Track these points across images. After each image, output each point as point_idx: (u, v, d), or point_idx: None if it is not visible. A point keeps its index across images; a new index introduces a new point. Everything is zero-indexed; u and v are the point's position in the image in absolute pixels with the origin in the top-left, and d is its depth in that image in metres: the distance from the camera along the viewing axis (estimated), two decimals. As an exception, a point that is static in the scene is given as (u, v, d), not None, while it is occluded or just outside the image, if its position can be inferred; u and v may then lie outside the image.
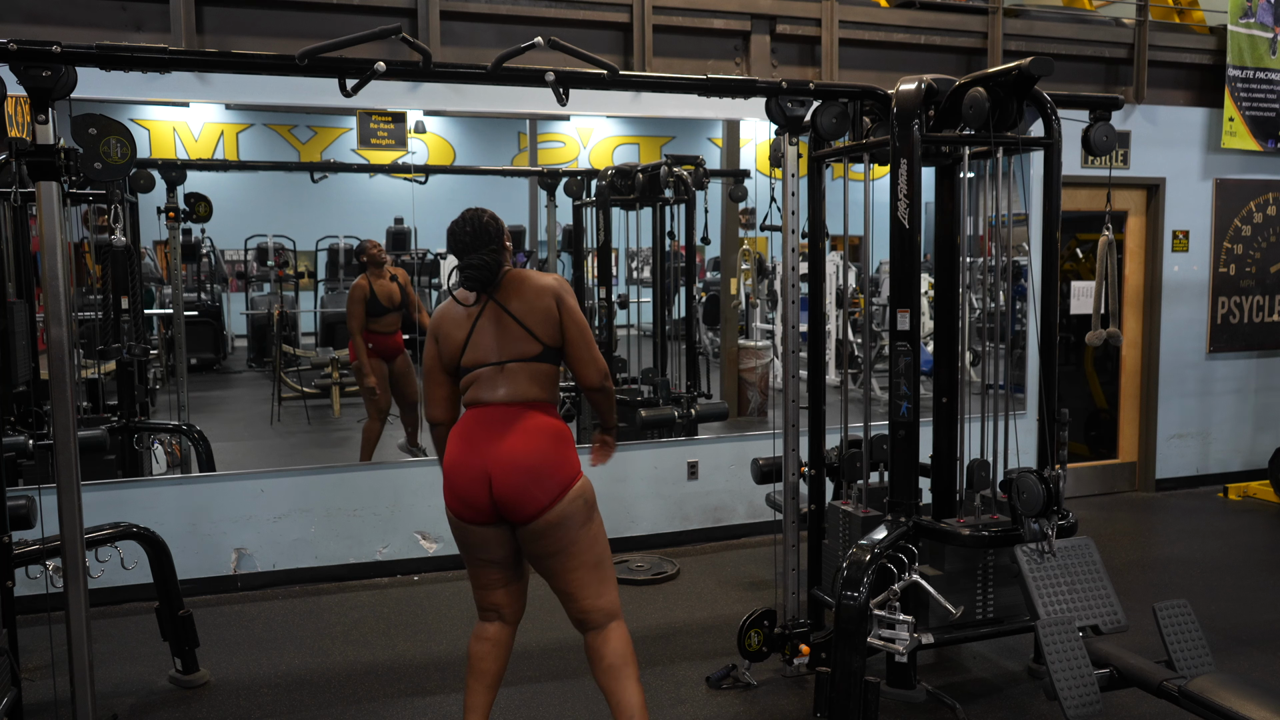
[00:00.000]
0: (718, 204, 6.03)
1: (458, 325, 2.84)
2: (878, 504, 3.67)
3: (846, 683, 2.98)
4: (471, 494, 2.72)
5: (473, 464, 2.71)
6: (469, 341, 2.81)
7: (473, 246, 2.81)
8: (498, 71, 3.11)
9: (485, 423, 2.76)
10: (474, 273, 2.78)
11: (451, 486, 2.75)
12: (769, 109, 3.52)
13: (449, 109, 5.12)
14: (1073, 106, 3.62)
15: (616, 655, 2.82)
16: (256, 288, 6.90)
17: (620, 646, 2.82)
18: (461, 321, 2.84)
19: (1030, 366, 5.68)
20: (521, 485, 2.68)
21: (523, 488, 2.68)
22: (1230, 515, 5.96)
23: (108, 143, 2.88)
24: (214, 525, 4.68)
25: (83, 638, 2.76)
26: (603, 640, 2.83)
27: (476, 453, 2.72)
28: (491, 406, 2.77)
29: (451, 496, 2.76)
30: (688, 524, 5.45)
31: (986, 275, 3.89)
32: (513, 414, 2.76)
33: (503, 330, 2.81)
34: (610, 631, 2.84)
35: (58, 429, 2.70)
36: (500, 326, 2.81)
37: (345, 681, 3.74)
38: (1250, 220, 6.56)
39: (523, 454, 2.69)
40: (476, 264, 2.78)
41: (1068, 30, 6.10)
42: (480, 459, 2.71)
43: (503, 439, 2.71)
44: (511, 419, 2.75)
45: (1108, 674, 2.98)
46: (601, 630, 2.84)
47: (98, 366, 5.11)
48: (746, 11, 5.37)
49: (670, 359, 5.89)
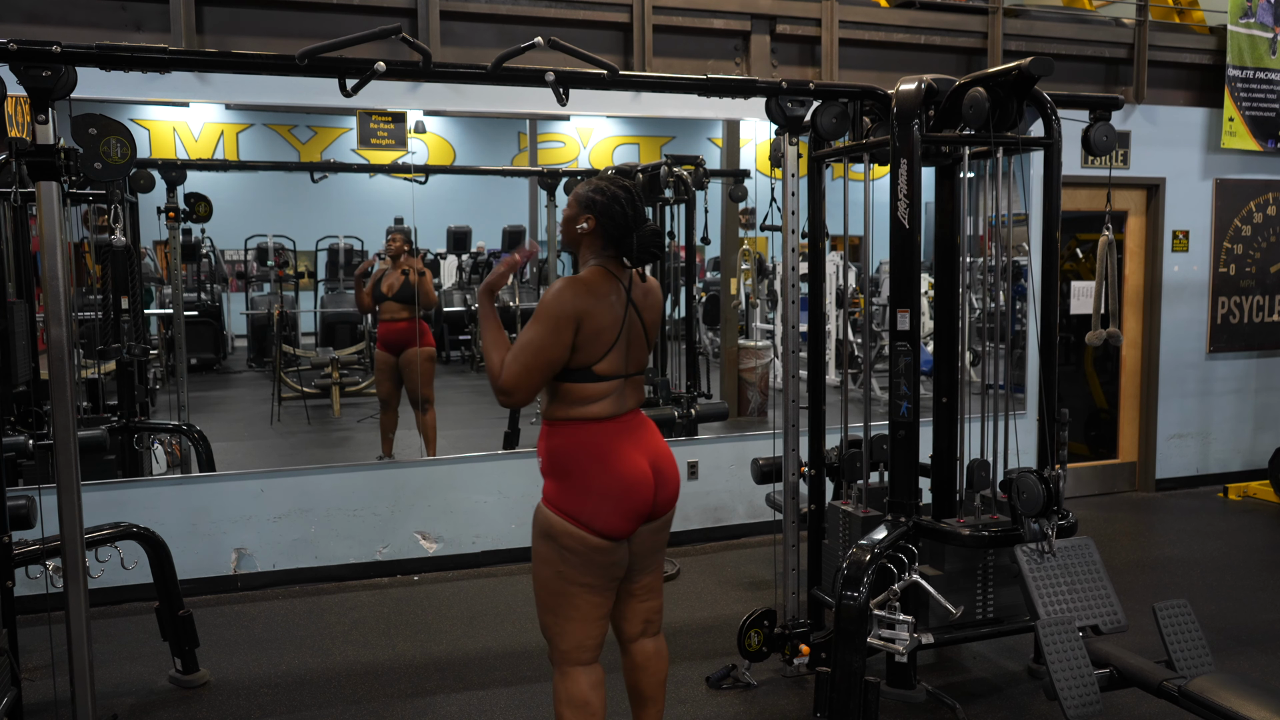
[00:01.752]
0: (718, 204, 6.03)
1: (610, 315, 2.48)
2: (878, 504, 3.67)
3: (846, 683, 2.98)
4: (646, 503, 2.51)
5: (645, 470, 2.52)
6: (615, 344, 2.50)
7: (641, 214, 2.53)
8: (498, 71, 3.11)
9: (626, 430, 2.54)
10: (658, 241, 2.53)
11: (631, 502, 2.48)
12: (769, 109, 3.52)
13: (449, 109, 5.12)
14: (1073, 106, 3.62)
15: (665, 659, 2.78)
16: (256, 288, 6.91)
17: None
18: (614, 312, 2.49)
19: (1030, 366, 5.68)
20: (676, 469, 2.63)
21: (676, 473, 2.63)
22: (1230, 515, 5.96)
23: (108, 143, 2.88)
24: (214, 525, 4.68)
25: (83, 638, 2.76)
26: (660, 642, 2.76)
27: (643, 459, 2.53)
28: (623, 417, 2.55)
29: (624, 515, 2.48)
30: (688, 524, 5.45)
31: (986, 275, 3.89)
32: (634, 415, 2.61)
33: (634, 337, 2.56)
34: (662, 637, 2.79)
35: (58, 429, 2.70)
36: (633, 331, 2.56)
37: (345, 681, 3.74)
38: (1250, 220, 6.56)
39: (661, 439, 2.64)
40: (658, 231, 2.54)
41: (1068, 30, 6.10)
42: (645, 463, 2.53)
43: (645, 436, 2.58)
44: (635, 417, 2.61)
45: (1108, 674, 2.97)
46: (660, 635, 2.77)
47: (98, 366, 5.11)
48: (746, 11, 5.37)
49: (670, 359, 5.89)
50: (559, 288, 2.44)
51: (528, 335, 2.42)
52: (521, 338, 2.43)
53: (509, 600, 4.55)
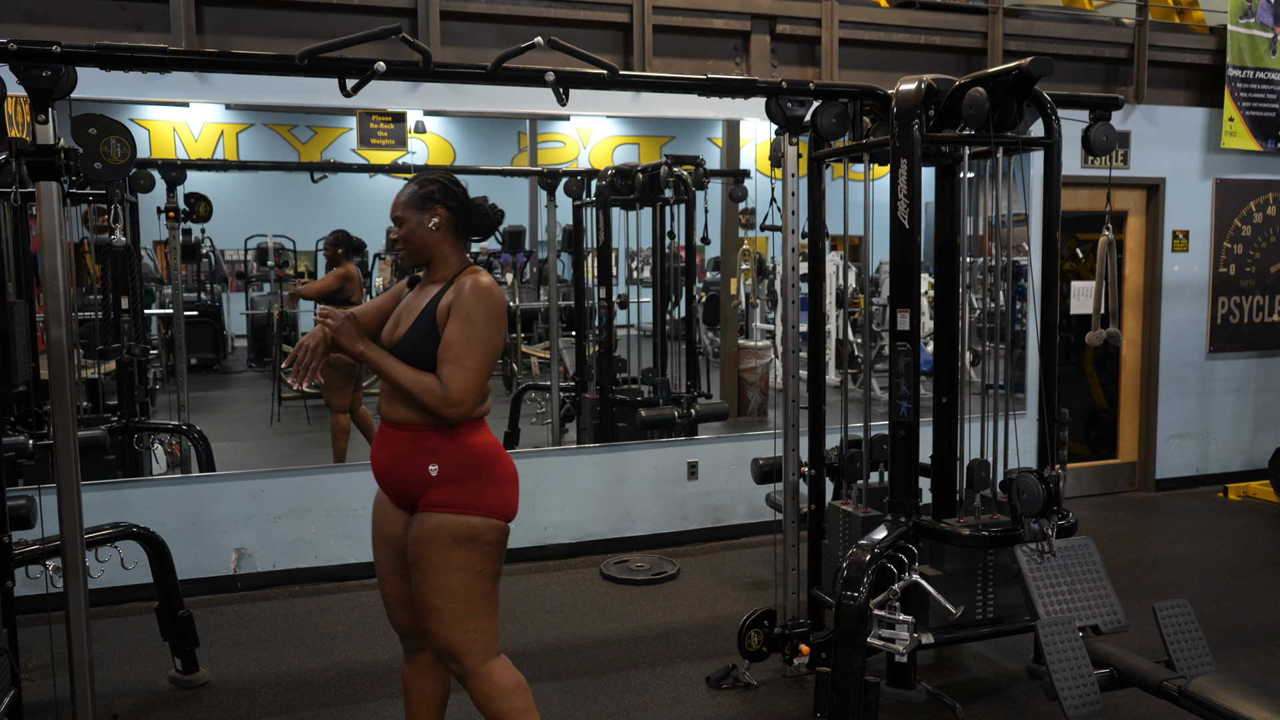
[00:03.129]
0: (718, 204, 6.04)
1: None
2: (878, 504, 3.67)
3: (846, 683, 2.98)
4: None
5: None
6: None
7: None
8: (498, 71, 3.11)
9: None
10: (494, 208, 2.63)
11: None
12: (769, 109, 3.52)
13: (449, 109, 5.12)
14: (1073, 106, 3.62)
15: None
16: (256, 288, 6.91)
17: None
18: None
19: (1030, 366, 5.68)
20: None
21: None
22: (1230, 515, 5.96)
23: (108, 143, 2.88)
24: (214, 525, 4.68)
25: (83, 638, 2.76)
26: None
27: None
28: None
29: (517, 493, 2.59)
30: (688, 524, 5.45)
31: (986, 275, 3.89)
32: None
33: None
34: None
35: (58, 429, 2.70)
36: None
37: (345, 681, 3.74)
38: (1250, 220, 6.56)
39: None
40: (484, 197, 2.63)
41: (1068, 30, 6.10)
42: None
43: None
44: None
45: (1108, 674, 2.98)
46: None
47: (98, 366, 5.12)
48: (746, 11, 5.37)
49: (670, 359, 5.89)
50: (488, 285, 2.43)
51: (477, 339, 2.37)
52: (467, 343, 2.37)
53: (509, 600, 4.55)
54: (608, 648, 4.03)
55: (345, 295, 5.61)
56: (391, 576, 2.66)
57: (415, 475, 2.47)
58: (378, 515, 2.66)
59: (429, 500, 2.46)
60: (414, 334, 2.45)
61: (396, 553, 2.62)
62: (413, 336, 2.45)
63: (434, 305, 2.45)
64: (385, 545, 2.65)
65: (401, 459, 2.48)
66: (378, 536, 2.67)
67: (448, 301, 2.43)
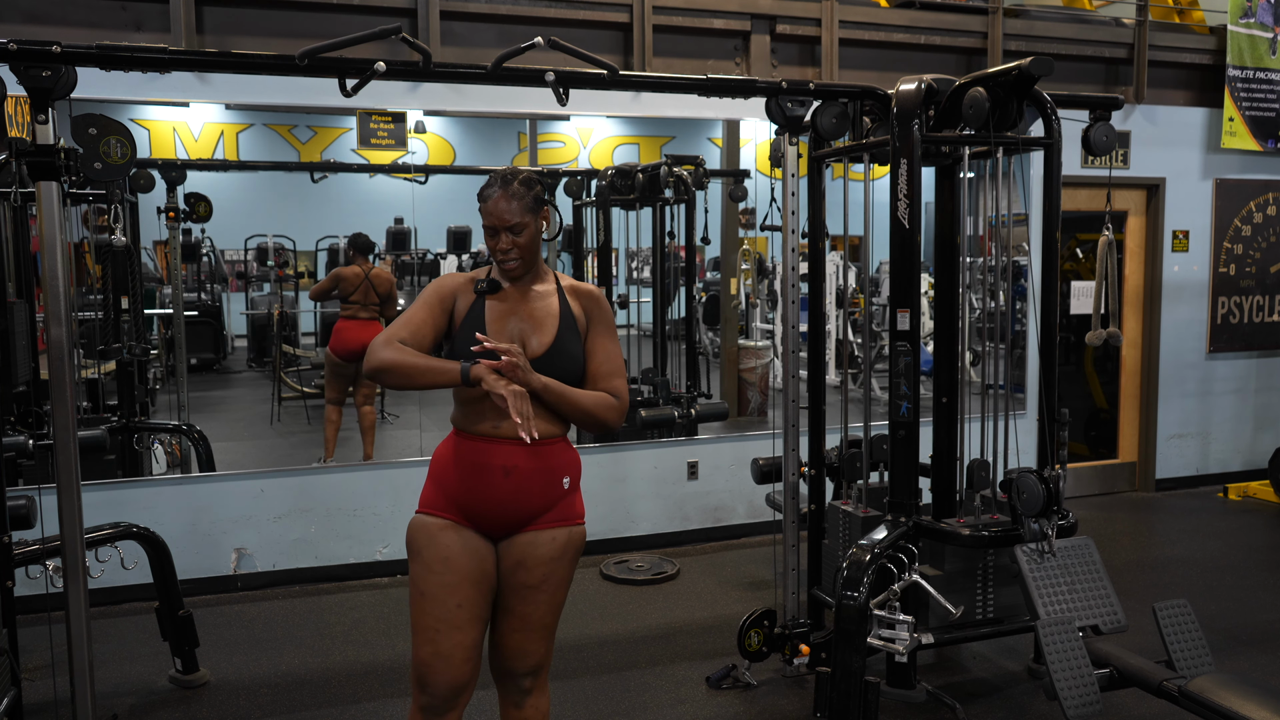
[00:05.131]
0: (718, 204, 6.03)
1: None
2: (878, 504, 3.67)
3: (846, 683, 2.98)
4: None
5: None
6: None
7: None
8: (498, 71, 3.11)
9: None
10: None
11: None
12: (769, 109, 3.52)
13: (449, 109, 5.12)
14: (1073, 106, 3.62)
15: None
16: (256, 288, 6.90)
17: None
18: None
19: (1030, 366, 5.68)
20: None
21: None
22: (1230, 515, 5.96)
23: (108, 143, 2.88)
24: (214, 525, 4.68)
25: (83, 638, 2.75)
26: None
27: None
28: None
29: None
30: (688, 524, 5.45)
31: (986, 275, 3.89)
32: None
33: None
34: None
35: (58, 429, 2.70)
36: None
37: (345, 681, 3.74)
38: (1250, 220, 6.56)
39: None
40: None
41: (1068, 30, 6.10)
42: None
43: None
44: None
45: (1108, 674, 2.98)
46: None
47: (98, 366, 5.11)
48: (746, 11, 5.37)
49: (670, 359, 5.89)
50: (601, 292, 2.48)
51: (619, 346, 2.45)
52: (617, 353, 2.43)
53: (509, 600, 4.55)
54: (608, 648, 4.03)
55: (342, 294, 5.74)
56: (471, 624, 2.28)
57: (549, 491, 2.32)
58: (457, 556, 2.28)
59: (555, 515, 2.33)
60: (565, 348, 2.35)
61: (485, 594, 2.31)
62: (565, 350, 2.35)
63: (569, 317, 2.37)
64: (474, 588, 2.28)
65: (535, 475, 2.30)
66: (462, 579, 2.27)
67: (579, 310, 2.39)
